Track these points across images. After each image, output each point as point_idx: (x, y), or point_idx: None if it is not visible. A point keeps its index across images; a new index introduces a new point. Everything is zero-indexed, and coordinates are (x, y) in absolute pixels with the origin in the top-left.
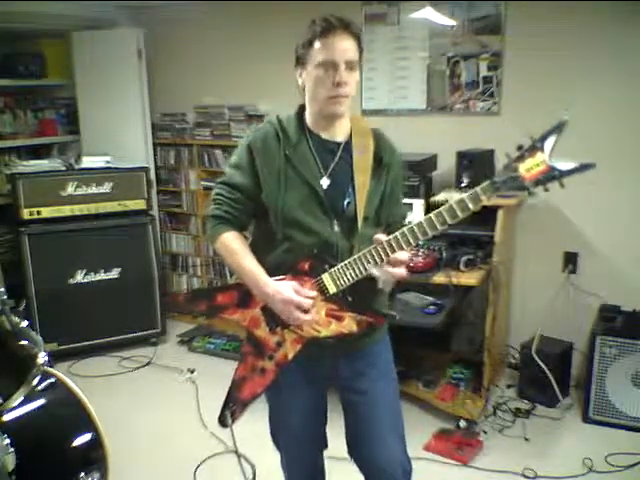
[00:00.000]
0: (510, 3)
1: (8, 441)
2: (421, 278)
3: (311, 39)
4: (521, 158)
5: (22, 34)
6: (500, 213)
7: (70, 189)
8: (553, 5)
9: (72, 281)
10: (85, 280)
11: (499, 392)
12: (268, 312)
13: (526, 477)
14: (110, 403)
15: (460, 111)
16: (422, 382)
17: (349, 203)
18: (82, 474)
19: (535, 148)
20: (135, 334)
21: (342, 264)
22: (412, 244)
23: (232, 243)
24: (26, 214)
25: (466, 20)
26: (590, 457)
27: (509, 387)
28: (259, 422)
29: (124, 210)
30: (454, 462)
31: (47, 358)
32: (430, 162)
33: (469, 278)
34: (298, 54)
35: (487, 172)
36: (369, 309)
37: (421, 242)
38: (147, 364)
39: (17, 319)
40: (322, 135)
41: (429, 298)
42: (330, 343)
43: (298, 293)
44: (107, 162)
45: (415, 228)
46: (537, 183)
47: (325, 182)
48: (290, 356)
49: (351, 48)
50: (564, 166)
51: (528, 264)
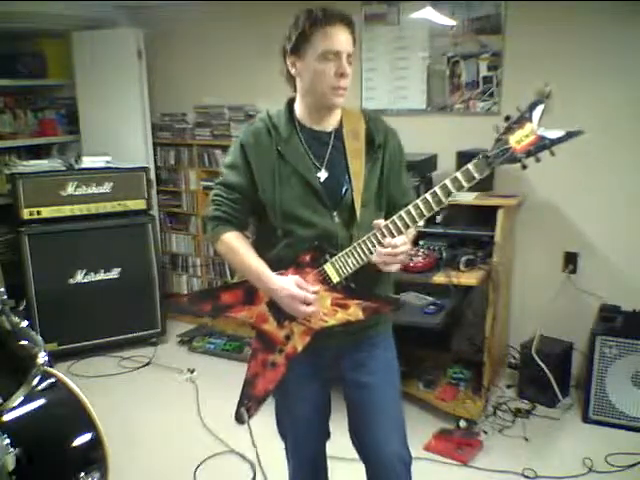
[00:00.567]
0: (510, 3)
1: (8, 441)
2: (421, 278)
3: (311, 28)
4: (510, 130)
5: (22, 34)
6: (500, 213)
7: (70, 189)
8: (553, 5)
9: (72, 281)
10: (85, 280)
11: (499, 392)
12: (274, 306)
13: (526, 477)
14: (110, 403)
15: (460, 111)
16: (422, 382)
17: (346, 190)
18: (82, 474)
19: (523, 119)
20: (135, 334)
21: (343, 252)
22: (410, 227)
23: (234, 242)
24: (26, 214)
25: (466, 20)
26: (590, 457)
27: (509, 387)
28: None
29: (124, 210)
30: (454, 462)
31: (47, 358)
32: (430, 162)
33: (469, 278)
34: (293, 42)
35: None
36: (374, 295)
37: (420, 223)
38: (147, 364)
39: (17, 319)
40: (313, 127)
41: (429, 298)
42: (336, 333)
43: (301, 287)
44: (107, 162)
45: (412, 209)
46: (528, 154)
47: (323, 175)
48: (300, 348)
49: (350, 41)
50: (553, 134)
51: (528, 264)
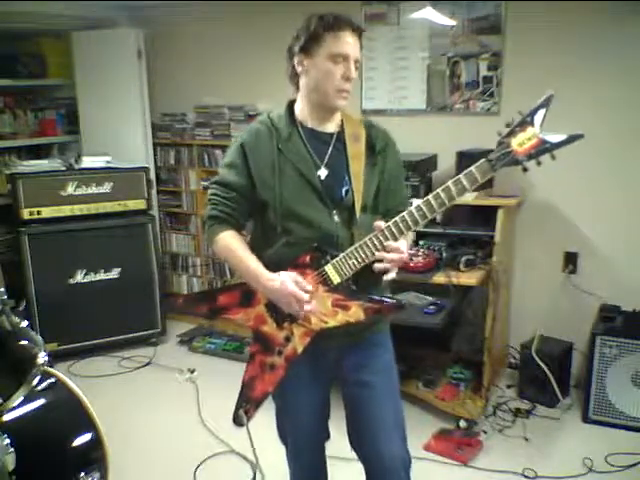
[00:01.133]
0: (510, 3)
1: (8, 441)
2: (421, 278)
3: (323, 30)
4: (512, 133)
5: (22, 34)
6: (500, 213)
7: (70, 189)
8: (553, 5)
9: (72, 281)
10: (85, 280)
11: (499, 392)
12: (273, 308)
13: (526, 477)
14: (110, 403)
15: (460, 111)
16: (422, 382)
17: (347, 191)
18: (82, 474)
19: (525, 123)
20: (135, 334)
21: (344, 254)
22: (412, 228)
23: (230, 241)
24: (26, 214)
25: (466, 20)
26: (590, 457)
27: (509, 387)
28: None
29: (124, 210)
30: (454, 462)
31: (47, 358)
32: (430, 162)
33: (469, 278)
34: (303, 42)
35: None
36: (376, 296)
37: (421, 225)
38: (147, 364)
39: (17, 319)
40: (314, 127)
41: (429, 298)
42: (336, 334)
43: (298, 284)
44: (107, 162)
45: (414, 211)
46: (530, 157)
47: (323, 172)
48: (300, 350)
49: (358, 47)
50: (555, 138)
51: (528, 264)
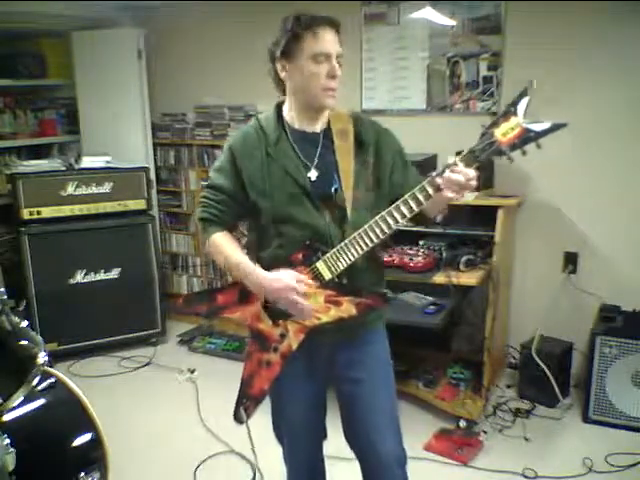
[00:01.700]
0: (510, 3)
1: (8, 441)
2: (421, 278)
3: (300, 31)
4: (495, 124)
5: (22, 34)
6: (500, 213)
7: (70, 189)
8: (553, 5)
9: (72, 281)
10: (85, 280)
11: (499, 392)
12: (268, 305)
13: (526, 477)
14: (110, 403)
15: (460, 111)
16: (422, 382)
17: (336, 190)
18: (82, 474)
19: (508, 113)
20: (135, 334)
21: (334, 250)
22: (399, 222)
23: (220, 242)
24: (26, 214)
25: (466, 20)
26: (590, 457)
27: (509, 387)
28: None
29: (124, 210)
30: (454, 462)
31: (47, 358)
32: (430, 162)
33: (469, 278)
34: (283, 46)
35: (487, 172)
36: (365, 291)
37: (407, 217)
38: (147, 364)
39: (17, 319)
40: (302, 128)
41: (429, 298)
42: (329, 330)
43: (299, 280)
44: (107, 162)
45: (400, 204)
46: (513, 147)
47: (313, 174)
48: (294, 346)
49: (338, 42)
50: (538, 127)
51: (528, 264)
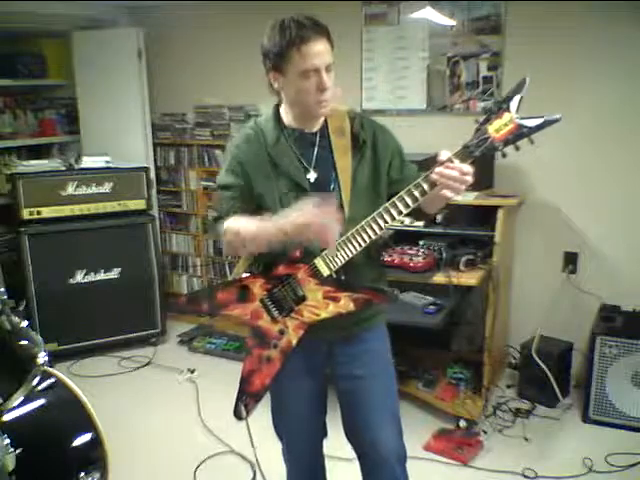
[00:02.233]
0: (510, 3)
1: (8, 441)
2: (421, 278)
3: (287, 48)
4: (489, 120)
5: (22, 34)
6: (500, 213)
7: (70, 189)
8: (553, 5)
9: (72, 281)
10: (85, 280)
11: (499, 392)
12: (268, 302)
13: (526, 477)
14: (110, 403)
15: (460, 111)
16: (422, 382)
17: (334, 189)
18: (82, 474)
19: (501, 109)
20: (135, 334)
21: None
22: (396, 218)
23: (233, 222)
24: (26, 214)
25: (466, 20)
26: (590, 457)
27: (509, 387)
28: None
29: (124, 210)
30: (454, 462)
31: (47, 358)
32: (430, 162)
33: (469, 278)
34: (272, 61)
35: (487, 172)
36: (364, 287)
37: (403, 213)
38: (147, 364)
39: (17, 319)
40: (300, 129)
41: (429, 298)
42: (328, 326)
43: (312, 207)
44: (107, 162)
45: (396, 201)
46: (507, 142)
47: (312, 175)
48: (294, 342)
49: (327, 50)
50: (532, 122)
51: (528, 264)
